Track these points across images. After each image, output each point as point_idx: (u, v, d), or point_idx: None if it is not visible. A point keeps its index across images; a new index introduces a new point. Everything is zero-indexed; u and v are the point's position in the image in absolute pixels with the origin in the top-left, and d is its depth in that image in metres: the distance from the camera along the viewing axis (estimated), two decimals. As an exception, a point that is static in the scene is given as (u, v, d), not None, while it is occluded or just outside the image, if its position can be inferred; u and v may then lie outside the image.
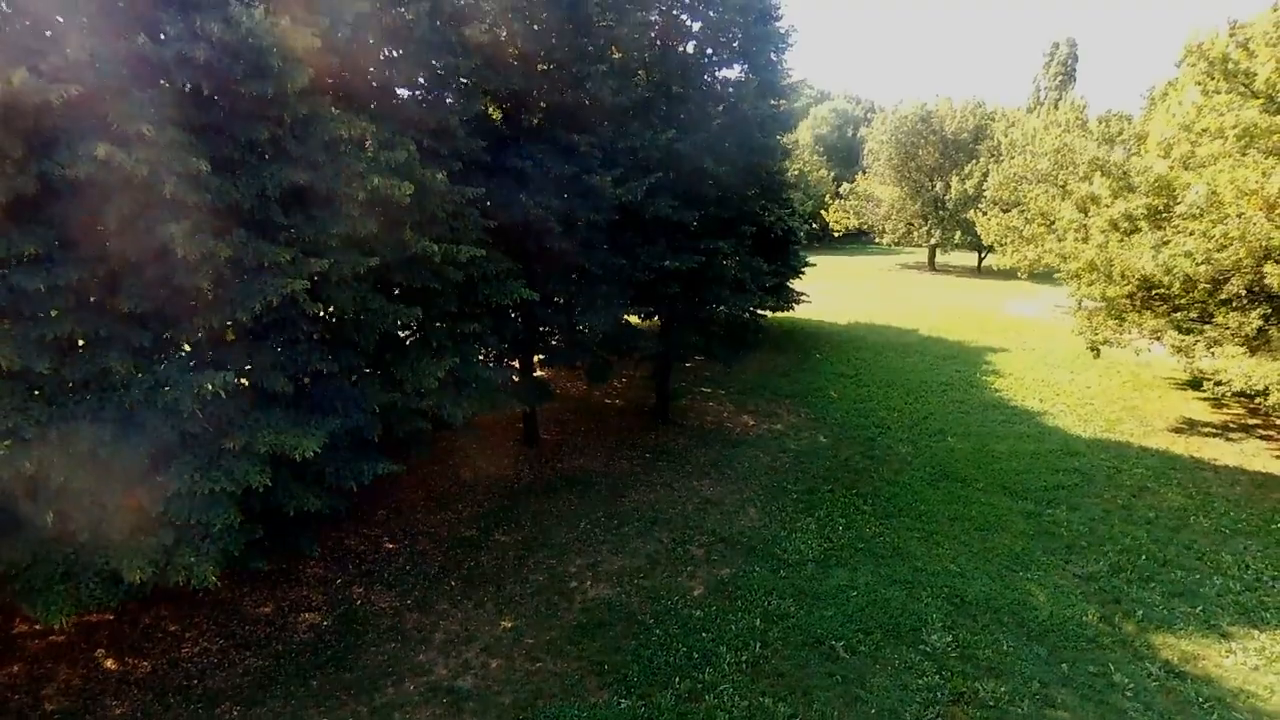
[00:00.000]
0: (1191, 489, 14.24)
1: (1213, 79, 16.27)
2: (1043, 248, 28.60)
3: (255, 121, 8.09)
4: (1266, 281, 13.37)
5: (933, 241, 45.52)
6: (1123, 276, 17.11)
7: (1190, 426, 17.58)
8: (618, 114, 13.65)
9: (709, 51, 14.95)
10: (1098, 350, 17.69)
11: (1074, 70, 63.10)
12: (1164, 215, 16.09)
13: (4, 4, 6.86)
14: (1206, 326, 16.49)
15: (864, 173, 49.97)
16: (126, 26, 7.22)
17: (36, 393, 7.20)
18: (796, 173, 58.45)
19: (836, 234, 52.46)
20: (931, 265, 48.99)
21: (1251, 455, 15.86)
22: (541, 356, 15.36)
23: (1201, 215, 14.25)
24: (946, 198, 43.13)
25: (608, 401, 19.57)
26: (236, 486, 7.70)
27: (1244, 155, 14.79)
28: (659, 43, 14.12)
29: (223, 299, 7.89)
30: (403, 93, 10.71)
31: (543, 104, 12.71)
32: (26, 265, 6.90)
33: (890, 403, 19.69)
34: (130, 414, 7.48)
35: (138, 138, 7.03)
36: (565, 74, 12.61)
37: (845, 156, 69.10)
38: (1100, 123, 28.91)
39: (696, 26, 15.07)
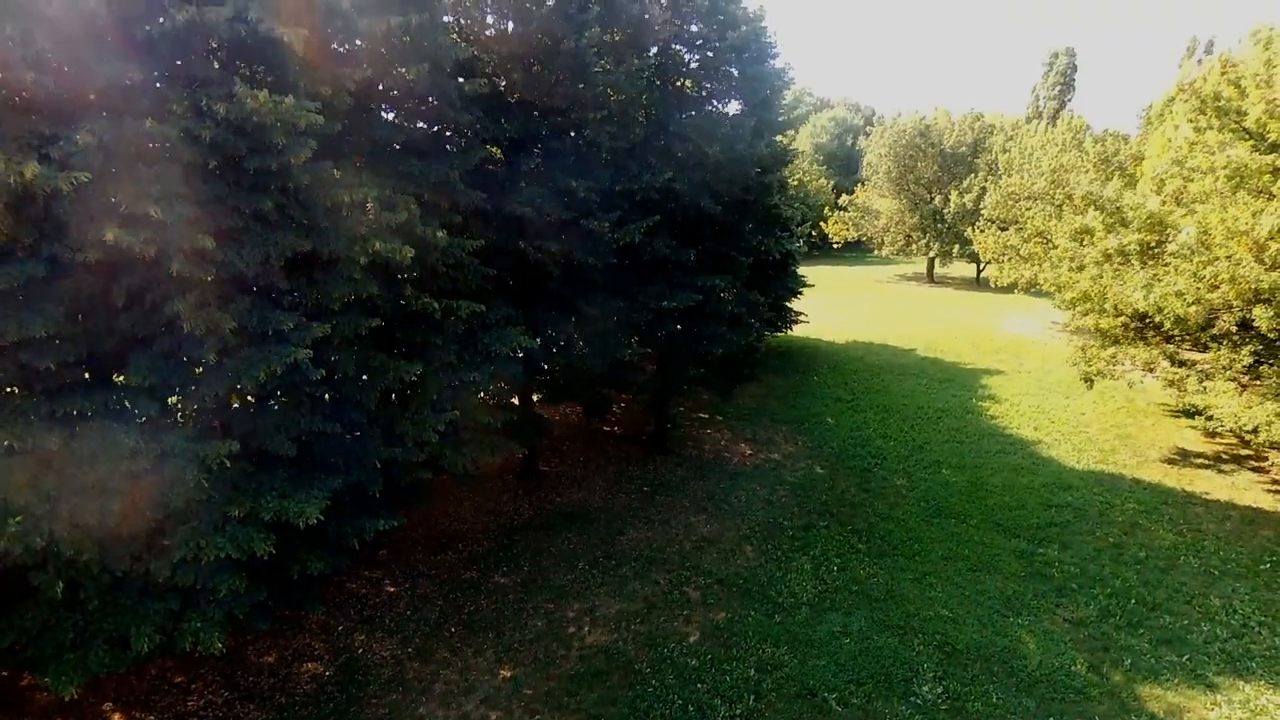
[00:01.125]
0: (1182, 525, 14.41)
1: (1204, 114, 16.46)
2: (1039, 267, 28.82)
3: (260, 193, 8.27)
4: (1255, 324, 13.55)
5: (931, 254, 45.68)
6: (1115, 309, 17.31)
7: (1183, 457, 17.75)
8: (617, 156, 13.82)
9: (706, 85, 15.13)
10: (1091, 381, 17.86)
11: (1073, 80, 63.26)
12: (1156, 251, 16.26)
13: (20, 95, 7.02)
14: (1199, 359, 16.69)
15: (863, 184, 50.15)
16: (135, 108, 7.40)
17: (46, 466, 7.37)
18: (796, 183, 58.72)
19: (836, 246, 52.58)
20: (930, 277, 49.16)
21: (1243, 489, 16.03)
22: (540, 395, 15.54)
23: (1192, 256, 14.42)
24: (945, 211, 43.29)
25: (606, 429, 19.74)
26: (242, 553, 7.88)
27: (1234, 194, 14.97)
28: (657, 82, 14.29)
29: (228, 368, 8.07)
30: (404, 146, 10.88)
31: (539, 149, 12.88)
32: (36, 344, 7.08)
33: (886, 430, 19.86)
34: (138, 483, 7.66)
35: (145, 219, 7.22)
36: (564, 120, 12.79)
37: (845, 165, 69.24)
38: (1096, 142, 29.06)
39: (694, 63, 15.27)
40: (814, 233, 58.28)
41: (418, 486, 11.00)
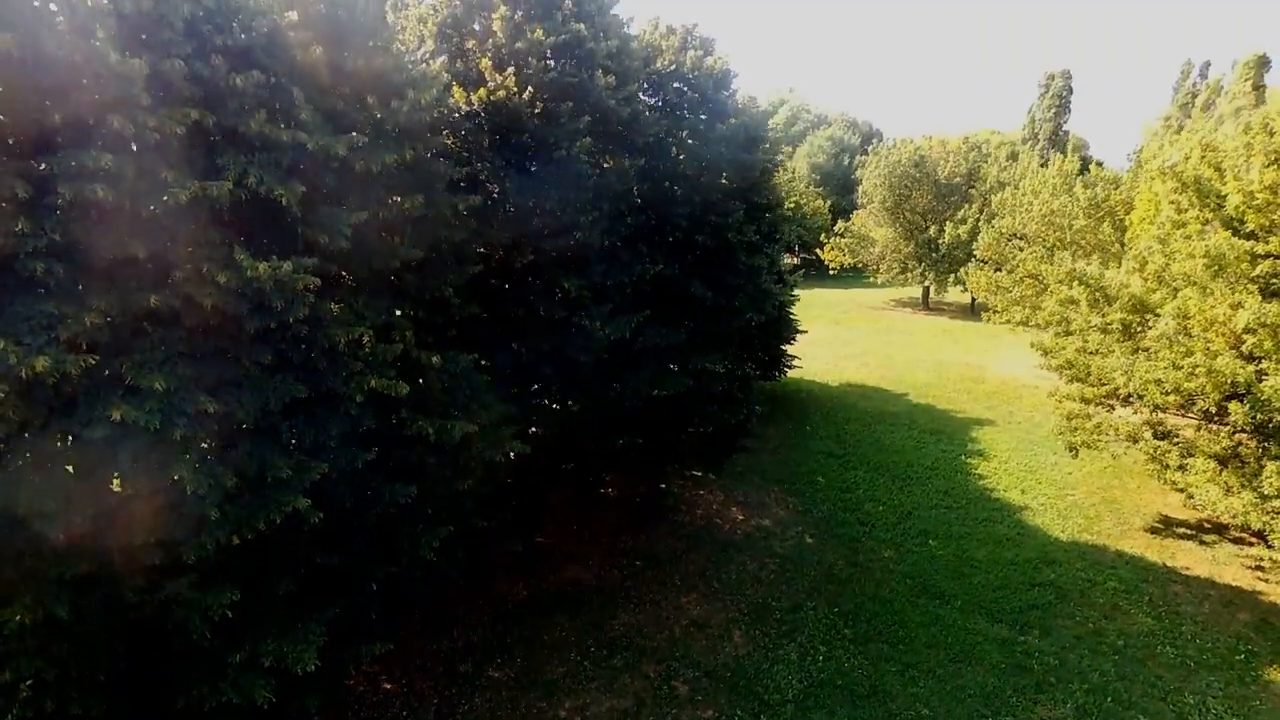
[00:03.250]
0: (1162, 608, 14.74)
1: (1185, 193, 16.82)
2: (1030, 312, 29.23)
3: (260, 345, 8.60)
4: (1231, 418, 13.89)
5: (926, 283, 46.04)
6: (1099, 380, 17.67)
7: (1165, 526, 18.09)
8: (609, 252, 14.14)
9: (702, 179, 15.43)
10: (1076, 451, 18.19)
11: (1069, 103, 63.75)
12: (1138, 331, 16.60)
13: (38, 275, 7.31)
14: (1182, 426, 17.05)
15: (859, 211, 50.50)
16: (140, 283, 7.72)
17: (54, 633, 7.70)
18: (794, 205, 59.28)
19: (833, 272, 52.99)
20: (925, 304, 49.50)
21: (1223, 564, 16.36)
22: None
23: (1171, 345, 14.75)
24: (940, 241, 43.64)
25: (600, 492, 20.03)
26: (244, 699, 8.20)
27: (1215, 280, 15.29)
28: (647, 184, 14.60)
29: (229, 517, 8.38)
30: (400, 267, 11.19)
31: (533, 251, 13.19)
32: (47, 516, 7.40)
33: (876, 492, 20.20)
34: (139, 631, 7.99)
35: (149, 391, 7.54)
36: (556, 222, 13.10)
37: (842, 184, 69.67)
38: (1087, 187, 29.43)
39: (683, 157, 15.58)
40: (810, 254, 58.77)
41: (414, 598, 11.31)
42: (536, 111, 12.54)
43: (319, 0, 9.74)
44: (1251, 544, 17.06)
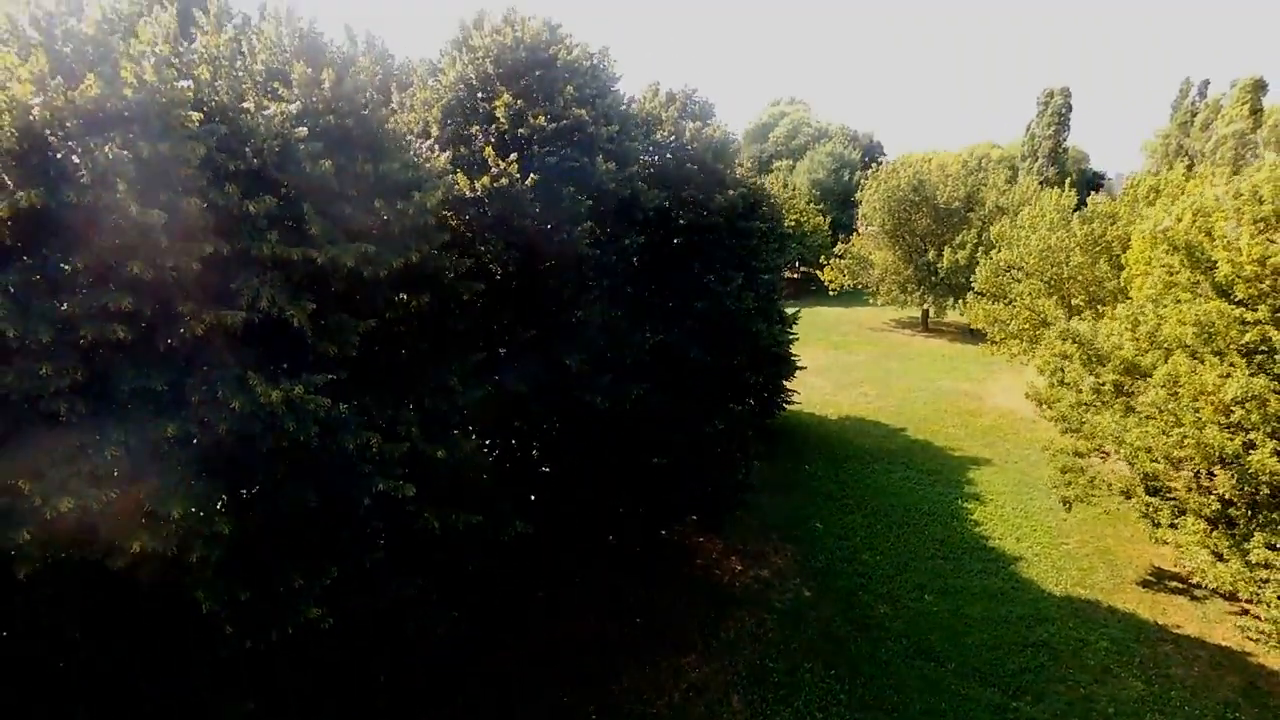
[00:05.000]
0: (1152, 670, 15.00)
1: (1176, 255, 17.09)
2: (1025, 345, 29.47)
3: (273, 460, 8.91)
4: (1218, 489, 14.16)
5: (925, 306, 46.31)
6: (1091, 436, 17.95)
7: (1158, 579, 18.35)
8: (609, 324, 14.44)
9: (702, 250, 15.75)
10: (1069, 505, 18.47)
11: (1068, 120, 64.05)
12: (1130, 391, 16.88)
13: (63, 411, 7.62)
14: (1174, 483, 17.31)
15: (858, 233, 50.74)
16: (159, 412, 8.03)
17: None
18: (794, 223, 59.51)
19: (833, 294, 53.27)
20: (925, 325, 49.75)
21: (1214, 621, 16.62)
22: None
23: (1160, 414, 15.02)
24: (939, 265, 43.90)
25: (599, 543, 20.33)
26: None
27: (1205, 345, 15.55)
28: (648, 255, 14.91)
29: (243, 629, 8.70)
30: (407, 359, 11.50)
31: (534, 330, 13.50)
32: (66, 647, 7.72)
33: (873, 539, 20.47)
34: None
35: (166, 519, 7.85)
36: (557, 302, 13.42)
37: (842, 199, 69.93)
38: (1084, 223, 29.69)
39: (682, 220, 15.89)
40: (811, 268, 59.03)
41: (420, 686, 11.61)
42: (538, 197, 12.83)
43: (328, 112, 10.05)
44: (1242, 597, 17.31)
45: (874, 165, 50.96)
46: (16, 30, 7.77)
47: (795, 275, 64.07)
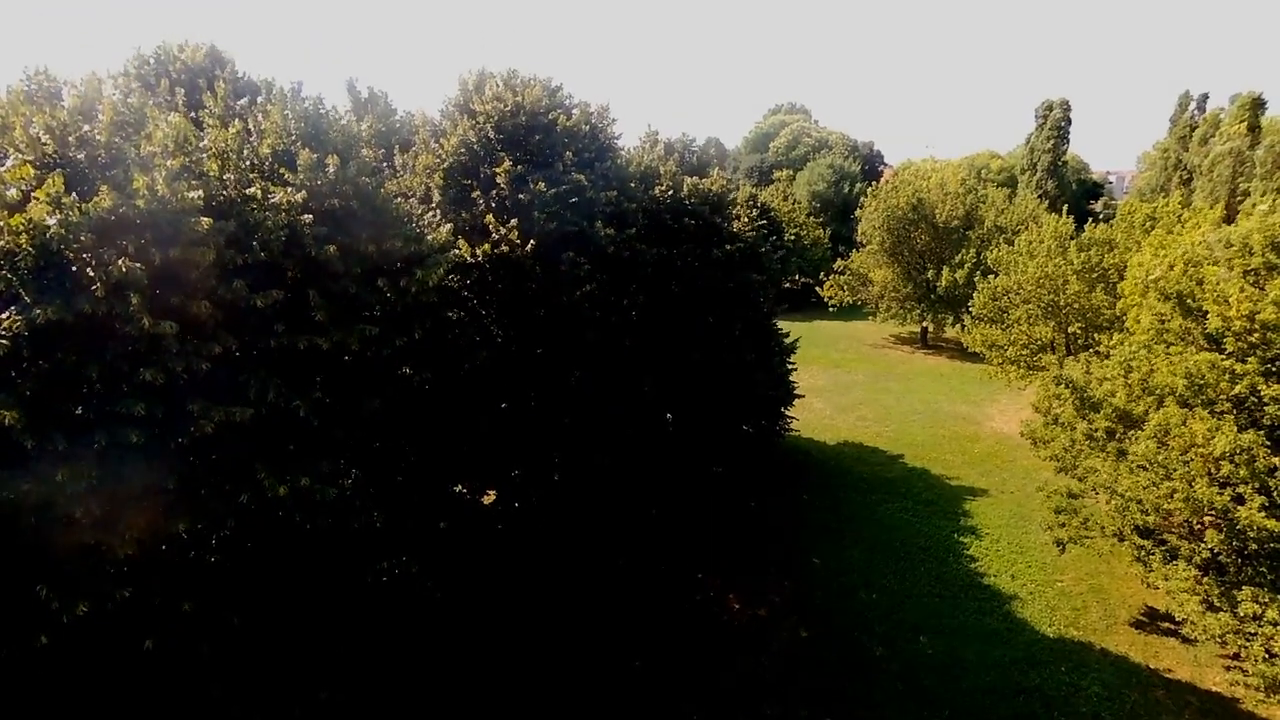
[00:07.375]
0: (1142, 718, 15.23)
1: (1167, 302, 17.32)
2: (1022, 370, 29.70)
3: (285, 553, 9.16)
4: (1206, 544, 14.39)
5: (925, 324, 46.54)
6: (1084, 478, 18.17)
7: (1150, 620, 18.58)
8: (606, 379, 14.69)
9: (699, 301, 15.99)
10: (1064, 546, 18.69)
11: (1067, 133, 64.25)
12: (1122, 438, 17.09)
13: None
14: (1166, 529, 17.52)
15: (858, 250, 50.94)
16: (171, 512, 8.28)
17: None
18: (793, 237, 59.64)
19: (832, 309, 53.49)
20: (924, 341, 49.95)
21: (1205, 666, 16.86)
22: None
23: (1150, 466, 15.24)
24: (938, 283, 44.10)
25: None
26: None
27: (1196, 396, 15.77)
28: (646, 310, 15.16)
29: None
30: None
31: (532, 389, 13.76)
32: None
33: (871, 575, 20.71)
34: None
35: (178, 613, 8.10)
36: (556, 365, 13.67)
37: (842, 211, 70.14)
38: (1081, 250, 29.91)
39: (682, 275, 16.12)
40: (811, 279, 59.21)
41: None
42: (538, 261, 13.08)
43: (332, 195, 10.30)
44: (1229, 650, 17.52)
45: (873, 184, 51.12)
46: (34, 143, 8.02)
47: (795, 287, 64.24)
